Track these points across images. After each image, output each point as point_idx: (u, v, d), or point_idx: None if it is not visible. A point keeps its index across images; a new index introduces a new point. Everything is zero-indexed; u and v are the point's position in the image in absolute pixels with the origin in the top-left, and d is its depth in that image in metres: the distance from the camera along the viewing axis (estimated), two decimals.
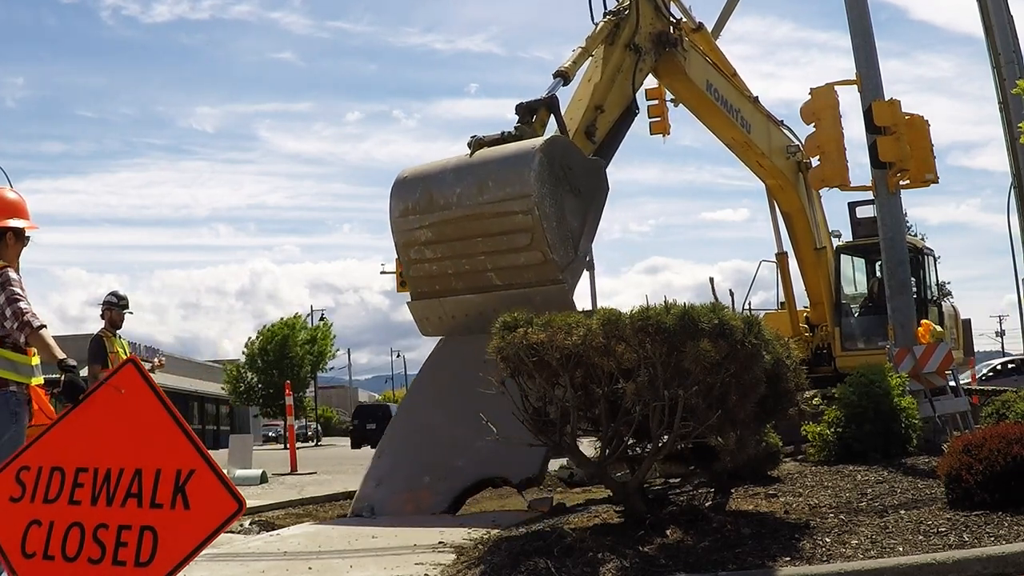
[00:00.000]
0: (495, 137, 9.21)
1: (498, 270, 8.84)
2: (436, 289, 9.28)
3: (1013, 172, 11.07)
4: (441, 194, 9.01)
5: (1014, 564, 4.70)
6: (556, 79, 9.90)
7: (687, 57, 11.95)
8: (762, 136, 13.38)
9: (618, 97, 10.74)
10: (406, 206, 9.24)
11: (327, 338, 55.48)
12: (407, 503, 8.34)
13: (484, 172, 8.82)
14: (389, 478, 8.75)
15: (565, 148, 9.03)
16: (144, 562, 3.64)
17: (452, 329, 9.23)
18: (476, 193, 8.78)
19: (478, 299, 8.89)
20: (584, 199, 9.10)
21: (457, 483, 8.30)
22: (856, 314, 14.78)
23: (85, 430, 3.98)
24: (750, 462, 7.30)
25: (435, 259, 9.19)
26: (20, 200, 4.80)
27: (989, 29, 11.02)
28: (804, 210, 14.09)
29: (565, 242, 8.71)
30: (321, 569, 5.80)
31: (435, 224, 9.04)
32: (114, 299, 9.25)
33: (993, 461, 5.79)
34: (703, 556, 5.20)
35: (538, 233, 8.42)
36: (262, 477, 14.03)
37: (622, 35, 10.85)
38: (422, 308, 9.43)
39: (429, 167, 9.47)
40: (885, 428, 8.79)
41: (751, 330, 5.86)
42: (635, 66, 10.92)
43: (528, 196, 8.40)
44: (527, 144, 8.81)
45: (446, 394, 8.86)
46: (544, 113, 9.58)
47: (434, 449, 8.59)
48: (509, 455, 7.92)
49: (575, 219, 8.93)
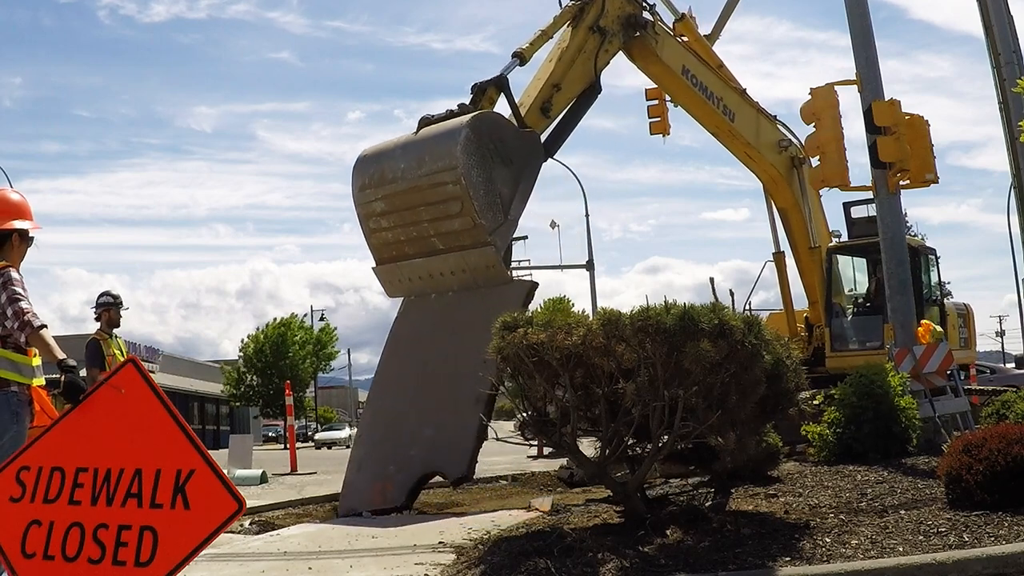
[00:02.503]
0: (442, 115, 9.98)
1: (440, 235, 9.77)
2: (393, 255, 10.23)
3: (1013, 172, 11.04)
4: (390, 169, 9.90)
5: (1014, 564, 4.70)
6: (513, 59, 10.55)
7: (659, 41, 12.03)
8: (749, 126, 13.34)
9: (578, 75, 11.07)
10: (363, 181, 10.16)
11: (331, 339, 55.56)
12: (377, 494, 9.17)
13: (422, 148, 9.66)
14: (366, 464, 9.68)
15: (494, 123, 9.80)
16: (144, 562, 3.64)
17: (411, 290, 10.26)
18: (416, 167, 9.63)
19: (426, 262, 9.90)
20: (516, 168, 9.88)
21: (411, 475, 9.13)
22: (851, 314, 14.76)
23: (85, 430, 3.98)
24: (750, 462, 7.31)
25: (389, 228, 10.19)
26: (23, 201, 4.80)
27: (989, 29, 11.00)
28: (798, 206, 14.05)
29: (494, 208, 9.56)
30: (321, 569, 5.80)
31: (387, 196, 9.96)
32: (110, 298, 9.09)
33: (993, 461, 5.79)
34: (703, 556, 5.20)
35: (466, 201, 9.27)
36: (262, 477, 14.04)
37: (586, 18, 11.12)
38: (385, 272, 10.39)
39: (383, 145, 10.35)
40: (885, 428, 8.79)
41: (751, 330, 5.86)
42: (599, 47, 11.19)
43: (455, 168, 9.23)
44: (456, 121, 9.65)
45: (406, 374, 9.80)
46: (493, 91, 10.28)
47: (395, 435, 9.50)
48: (448, 450, 8.93)
49: (506, 187, 9.77)
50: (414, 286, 10.15)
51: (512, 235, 10.23)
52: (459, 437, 8.84)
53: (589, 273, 33.63)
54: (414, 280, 10.09)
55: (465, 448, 8.81)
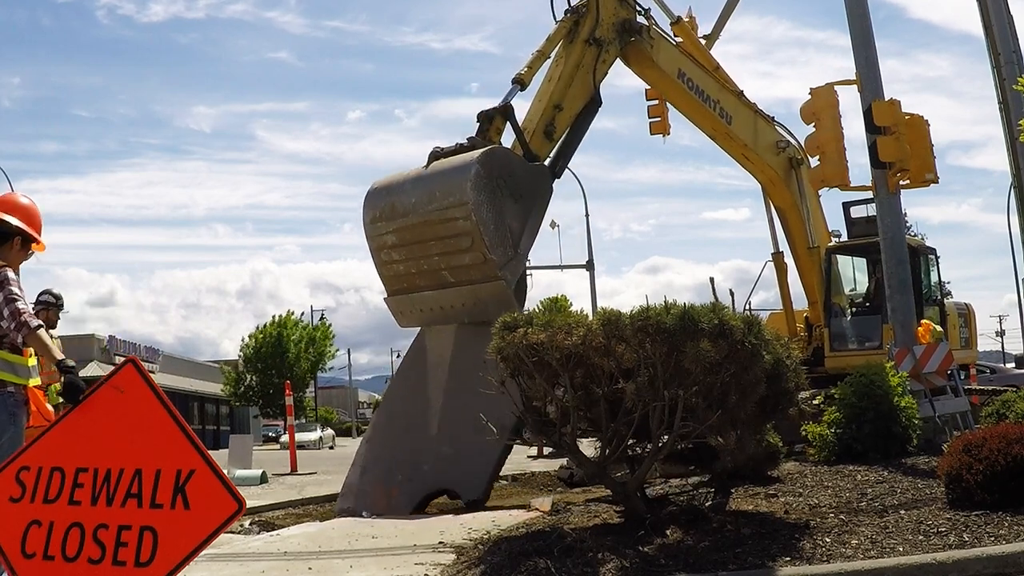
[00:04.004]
0: (452, 148, 10.03)
1: (450, 269, 9.75)
2: (404, 287, 10.26)
3: (1013, 172, 11.03)
4: (401, 203, 9.95)
5: (1014, 564, 4.70)
6: (513, 85, 10.58)
7: (654, 45, 11.98)
8: (746, 129, 13.28)
9: (578, 92, 11.05)
10: (374, 214, 10.21)
11: (326, 338, 55.47)
12: (381, 498, 9.24)
13: (433, 183, 9.73)
14: (372, 468, 9.73)
15: (504, 158, 9.91)
16: (144, 562, 3.64)
17: (423, 321, 10.26)
18: (427, 201, 9.68)
19: (438, 295, 9.90)
20: (525, 203, 9.95)
21: (421, 487, 9.22)
22: (850, 314, 14.76)
23: (85, 430, 3.98)
24: (750, 462, 7.31)
25: (401, 260, 10.15)
26: (31, 206, 4.79)
27: (989, 28, 10.99)
28: (797, 207, 14.02)
29: (504, 243, 9.59)
30: (321, 569, 5.80)
31: (398, 230, 10.01)
32: (51, 298, 8.49)
33: (993, 461, 5.79)
34: (703, 556, 5.20)
35: (477, 236, 9.35)
36: (262, 477, 14.04)
37: (582, 31, 11.08)
38: (396, 303, 10.39)
39: (394, 178, 10.36)
40: (885, 428, 8.79)
41: (751, 330, 5.86)
42: (596, 60, 11.16)
43: (466, 204, 9.31)
44: (467, 156, 9.63)
45: (423, 388, 9.79)
46: (500, 120, 10.37)
47: (407, 446, 9.54)
48: (463, 471, 8.96)
49: (515, 221, 9.82)
50: (425, 317, 10.17)
51: (522, 270, 10.22)
52: (478, 460, 8.81)
53: (589, 273, 33.65)
54: (425, 312, 10.10)
55: (483, 472, 8.84)
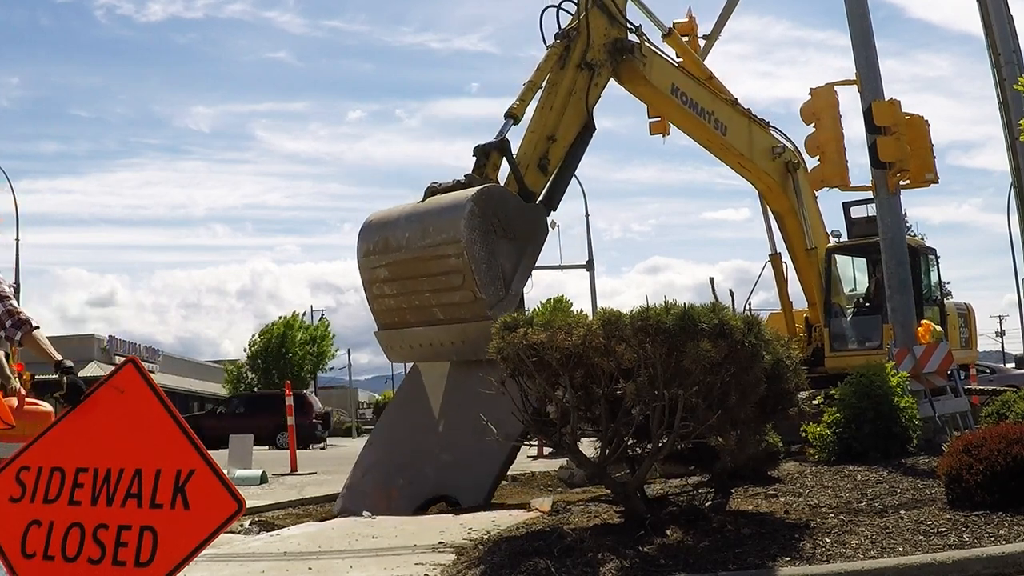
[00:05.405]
0: (448, 185, 9.99)
1: (441, 306, 9.73)
2: (395, 321, 10.24)
3: (1013, 172, 11.03)
4: (394, 238, 9.96)
5: (1014, 564, 4.71)
6: (507, 120, 10.47)
7: (647, 63, 11.76)
8: (741, 138, 13.14)
9: (572, 120, 10.87)
10: (368, 247, 10.22)
11: (327, 338, 55.42)
12: (381, 499, 9.24)
13: (427, 219, 9.71)
14: (374, 469, 9.78)
15: (500, 197, 9.82)
16: (144, 562, 3.64)
17: (412, 357, 10.34)
18: (420, 237, 9.68)
19: (427, 331, 9.86)
20: (519, 243, 9.88)
21: (421, 491, 9.17)
22: (850, 314, 14.76)
23: (85, 430, 3.98)
24: (750, 462, 7.31)
25: (392, 295, 10.13)
26: None
27: (989, 28, 10.98)
28: (794, 211, 13.97)
29: (495, 282, 9.52)
30: (321, 569, 5.80)
31: (390, 264, 10.00)
32: None
33: (993, 461, 5.79)
34: (703, 556, 5.20)
35: (468, 275, 9.32)
36: (262, 477, 14.01)
37: (573, 56, 10.85)
38: (387, 337, 10.39)
39: (389, 213, 10.41)
40: (885, 428, 8.79)
41: (751, 330, 5.86)
42: (588, 84, 10.97)
43: (458, 242, 9.28)
44: (462, 194, 9.60)
45: (431, 393, 9.84)
46: (496, 156, 10.31)
47: (410, 450, 9.57)
48: (465, 477, 8.97)
49: (508, 261, 9.76)
50: (415, 353, 10.17)
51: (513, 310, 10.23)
52: (479, 467, 8.84)
53: (589, 273, 33.64)
54: (415, 348, 10.09)
55: (485, 479, 8.85)
